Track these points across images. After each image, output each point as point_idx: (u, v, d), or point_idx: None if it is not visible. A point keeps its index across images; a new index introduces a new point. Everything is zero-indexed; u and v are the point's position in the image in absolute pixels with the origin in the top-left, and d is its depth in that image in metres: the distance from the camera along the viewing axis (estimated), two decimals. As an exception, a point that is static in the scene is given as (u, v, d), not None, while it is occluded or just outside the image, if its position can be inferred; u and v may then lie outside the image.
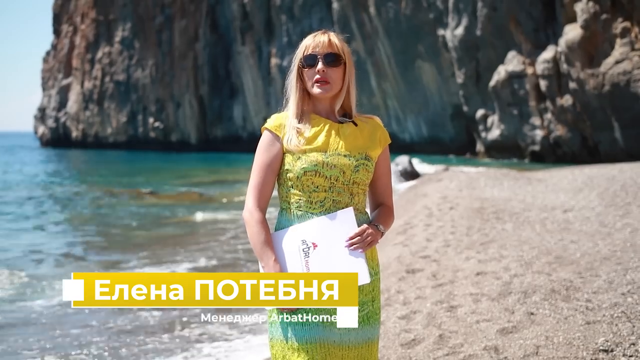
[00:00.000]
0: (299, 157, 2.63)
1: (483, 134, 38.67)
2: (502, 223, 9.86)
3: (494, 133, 37.64)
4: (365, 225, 2.63)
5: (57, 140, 77.92)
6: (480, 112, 38.71)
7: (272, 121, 2.74)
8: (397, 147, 46.40)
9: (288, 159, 2.66)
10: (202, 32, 64.72)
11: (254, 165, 2.71)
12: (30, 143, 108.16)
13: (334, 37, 2.72)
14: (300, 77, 2.73)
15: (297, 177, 2.63)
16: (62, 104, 76.65)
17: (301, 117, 2.71)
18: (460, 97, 41.05)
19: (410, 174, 22.04)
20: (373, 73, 48.92)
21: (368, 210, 2.83)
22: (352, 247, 2.59)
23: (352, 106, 2.76)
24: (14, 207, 20.84)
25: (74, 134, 75.10)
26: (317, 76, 2.67)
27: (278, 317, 2.63)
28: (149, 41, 67.71)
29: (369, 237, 2.62)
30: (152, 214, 18.42)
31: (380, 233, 2.69)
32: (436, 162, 33.01)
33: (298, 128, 2.67)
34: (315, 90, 2.68)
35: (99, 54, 71.47)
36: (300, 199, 2.65)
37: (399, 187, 19.45)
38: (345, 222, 2.61)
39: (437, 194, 14.43)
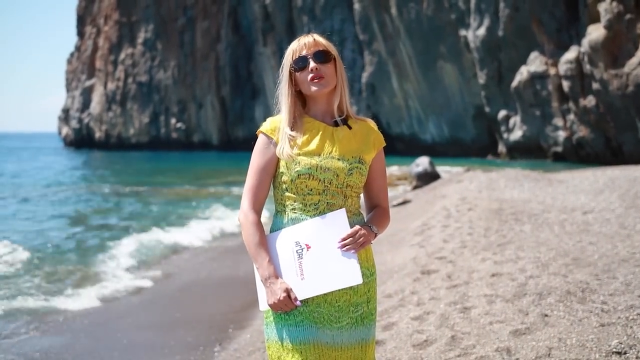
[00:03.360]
0: (294, 160, 2.65)
1: (505, 135, 38.45)
2: (520, 224, 9.78)
3: (516, 134, 37.42)
4: (357, 227, 2.64)
5: (81, 141, 78.59)
6: (502, 113, 38.51)
7: (267, 125, 2.76)
8: (419, 148, 46.23)
9: (282, 162, 2.68)
10: (224, 33, 65.00)
11: (249, 168, 2.73)
12: (54, 144, 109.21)
13: (318, 37, 2.75)
14: (292, 82, 2.74)
15: (292, 180, 2.65)
16: (86, 105, 77.29)
17: (294, 123, 2.72)
18: (482, 98, 40.85)
19: (431, 175, 21.91)
20: (394, 74, 48.79)
21: (364, 212, 2.84)
22: (344, 248, 2.60)
23: (347, 103, 2.76)
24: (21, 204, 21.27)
25: (97, 134, 75.70)
26: (311, 75, 2.68)
27: (273, 318, 2.65)
28: (171, 42, 68.15)
29: (361, 238, 2.62)
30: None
31: (374, 234, 2.70)
32: (456, 164, 32.92)
33: (291, 136, 2.69)
34: (313, 88, 2.69)
35: (122, 56, 72.01)
36: (294, 202, 2.67)
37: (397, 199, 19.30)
38: (338, 224, 2.62)
39: (456, 195, 14.35)
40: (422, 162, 22.40)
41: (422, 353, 4.72)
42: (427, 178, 21.80)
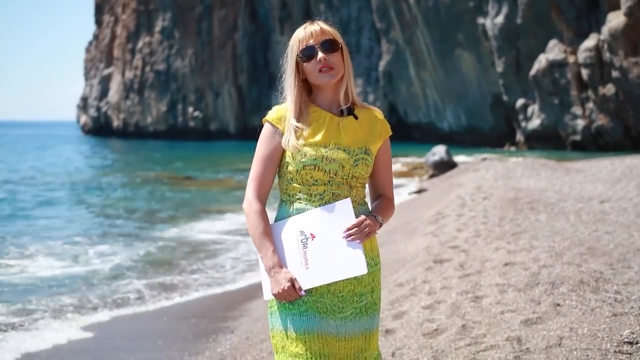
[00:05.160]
0: (299, 151, 2.63)
1: (523, 124, 38.16)
2: (536, 213, 9.71)
3: (534, 123, 37.12)
4: (363, 216, 2.63)
5: (99, 129, 79.08)
6: (520, 102, 38.20)
7: (273, 113, 2.74)
8: (436, 136, 46.03)
9: (288, 152, 2.66)
10: (241, 22, 64.98)
11: (254, 157, 2.72)
12: (73, 132, 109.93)
13: (324, 25, 2.71)
14: (298, 72, 2.71)
15: (297, 170, 2.63)
16: (104, 93, 77.69)
17: (300, 113, 2.70)
18: (500, 86, 40.53)
19: (447, 164, 21.82)
20: (412, 62, 48.54)
21: (369, 201, 2.82)
22: (349, 238, 2.59)
23: (353, 91, 2.74)
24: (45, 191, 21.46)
25: (115, 123, 76.09)
26: (320, 65, 2.65)
27: (277, 308, 2.65)
28: (189, 31, 68.21)
29: (367, 228, 2.61)
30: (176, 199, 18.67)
31: (379, 224, 2.68)
32: (474, 153, 32.76)
33: (297, 127, 2.66)
34: (323, 78, 2.67)
35: (140, 44, 72.20)
36: (299, 192, 2.66)
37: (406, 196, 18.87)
38: (343, 213, 2.61)
39: (472, 184, 14.28)
40: (439, 151, 22.32)
41: (432, 342, 4.70)
42: (444, 167, 21.72)
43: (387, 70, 50.95)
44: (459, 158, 25.16)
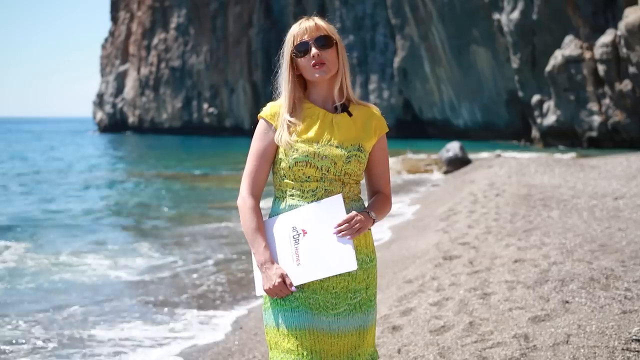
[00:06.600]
0: (291, 147, 2.64)
1: (539, 120, 37.90)
2: (548, 210, 9.64)
3: (550, 119, 36.85)
4: (354, 212, 2.62)
5: (115, 125, 79.44)
6: (535, 98, 37.93)
7: (267, 110, 2.77)
8: (451, 133, 45.85)
9: (281, 148, 2.67)
10: (255, 18, 64.99)
11: (249, 153, 2.74)
12: (88, 128, 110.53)
13: (320, 21, 2.72)
14: (293, 67, 2.71)
15: (289, 167, 2.64)
16: (119, 90, 78.01)
17: (294, 108, 2.70)
18: (516, 83, 40.27)
19: (461, 161, 21.75)
20: (427, 58, 48.35)
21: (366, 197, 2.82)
22: (340, 234, 2.58)
23: (348, 88, 2.73)
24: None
25: (131, 119, 76.41)
26: (313, 61, 2.65)
27: (270, 304, 2.65)
28: (204, 27, 68.31)
29: (357, 224, 2.60)
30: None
31: (372, 220, 2.67)
32: (489, 149, 32.58)
33: (290, 122, 2.67)
34: (315, 74, 2.67)
35: (155, 41, 72.42)
36: (292, 189, 2.67)
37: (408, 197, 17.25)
38: (334, 209, 2.61)
39: (485, 180, 14.22)
40: (453, 148, 22.25)
41: (439, 339, 4.67)
42: (458, 163, 21.66)
43: (402, 67, 50.78)
44: (474, 155, 25.03)
